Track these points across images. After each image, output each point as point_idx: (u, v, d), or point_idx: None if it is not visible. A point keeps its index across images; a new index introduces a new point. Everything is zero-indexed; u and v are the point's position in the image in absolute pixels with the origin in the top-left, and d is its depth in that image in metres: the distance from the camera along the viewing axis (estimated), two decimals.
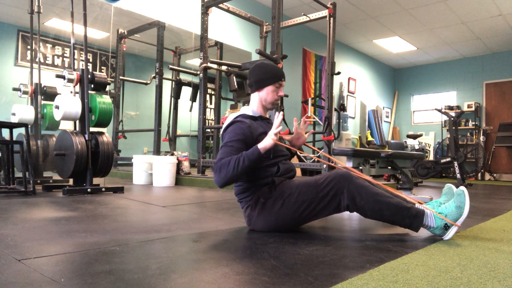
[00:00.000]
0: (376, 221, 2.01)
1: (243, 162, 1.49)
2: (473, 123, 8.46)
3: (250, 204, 1.64)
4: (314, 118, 5.26)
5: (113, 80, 5.34)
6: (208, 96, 6.47)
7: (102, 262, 1.11)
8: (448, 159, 5.81)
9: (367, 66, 8.98)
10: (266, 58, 3.45)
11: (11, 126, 3.03)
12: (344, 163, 2.60)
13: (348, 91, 8.22)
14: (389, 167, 2.88)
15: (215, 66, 4.37)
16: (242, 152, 1.54)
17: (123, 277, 0.98)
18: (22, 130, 3.49)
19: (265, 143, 1.54)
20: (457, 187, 1.64)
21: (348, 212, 2.32)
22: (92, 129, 3.09)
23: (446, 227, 1.53)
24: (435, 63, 9.34)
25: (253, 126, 1.65)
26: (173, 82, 5.68)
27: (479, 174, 8.02)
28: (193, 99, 5.61)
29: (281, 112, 1.61)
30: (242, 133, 1.60)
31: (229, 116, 1.77)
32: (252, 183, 1.64)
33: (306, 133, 1.87)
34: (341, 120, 6.43)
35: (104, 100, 3.20)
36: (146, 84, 5.40)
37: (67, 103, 2.97)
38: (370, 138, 8.56)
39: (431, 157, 8.63)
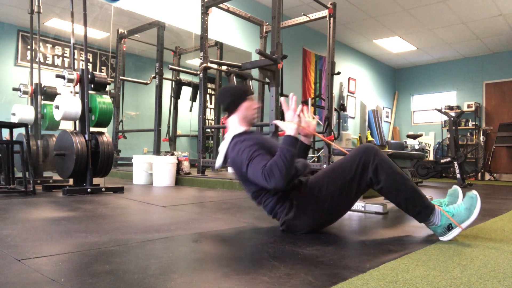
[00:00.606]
0: (376, 221, 2.01)
1: (287, 152, 1.46)
2: (473, 123, 8.46)
3: (284, 210, 1.59)
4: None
5: (113, 80, 5.34)
6: (208, 96, 6.48)
7: (102, 262, 1.11)
8: (448, 159, 5.81)
9: (367, 66, 8.98)
10: (266, 58, 3.45)
11: (11, 126, 3.03)
12: None
13: (348, 91, 8.22)
14: None
15: (215, 66, 4.37)
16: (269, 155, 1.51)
17: (123, 277, 0.98)
18: (22, 130, 3.50)
19: (290, 129, 1.52)
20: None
21: (348, 212, 2.33)
22: (92, 129, 3.09)
23: (450, 228, 1.50)
24: (435, 63, 9.34)
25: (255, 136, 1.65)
26: (173, 82, 5.68)
27: (479, 174, 8.02)
28: (193, 99, 5.61)
29: (292, 94, 1.59)
30: (255, 142, 1.57)
31: (221, 145, 1.71)
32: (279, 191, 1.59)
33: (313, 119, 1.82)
34: (341, 120, 6.44)
35: (104, 100, 3.20)
36: (146, 84, 5.40)
37: (67, 103, 2.96)
38: (370, 138, 8.56)
39: (431, 157, 8.63)
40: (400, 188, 1.50)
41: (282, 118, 2.87)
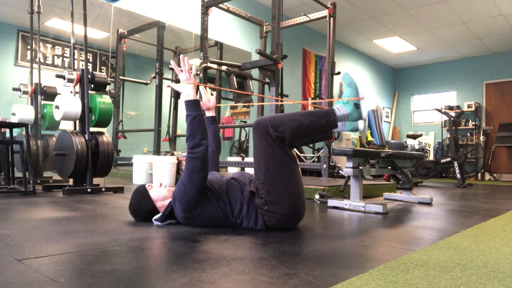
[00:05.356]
0: (376, 221, 2.01)
1: (192, 119, 1.58)
2: (473, 123, 8.46)
3: (267, 218, 1.62)
4: None
5: (113, 80, 5.34)
6: None
7: (102, 262, 1.11)
8: (448, 159, 5.81)
9: (367, 66, 8.98)
10: (266, 58, 3.45)
11: (11, 126, 3.03)
12: (344, 163, 2.60)
13: None
14: (389, 167, 2.88)
15: (215, 66, 4.37)
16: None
17: (123, 277, 0.98)
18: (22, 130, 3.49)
19: (187, 91, 1.62)
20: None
21: (348, 212, 2.32)
22: (92, 129, 3.09)
23: (357, 106, 1.63)
24: (435, 63, 9.34)
25: None
26: (173, 82, 5.68)
27: (479, 174, 8.02)
28: None
29: (182, 56, 1.67)
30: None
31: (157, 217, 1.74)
32: (245, 209, 1.63)
33: (212, 94, 2.00)
34: None
35: (104, 100, 3.20)
36: (146, 84, 5.40)
37: (67, 103, 2.96)
38: (370, 138, 8.56)
39: (431, 157, 8.63)
40: (299, 119, 1.61)
41: None
